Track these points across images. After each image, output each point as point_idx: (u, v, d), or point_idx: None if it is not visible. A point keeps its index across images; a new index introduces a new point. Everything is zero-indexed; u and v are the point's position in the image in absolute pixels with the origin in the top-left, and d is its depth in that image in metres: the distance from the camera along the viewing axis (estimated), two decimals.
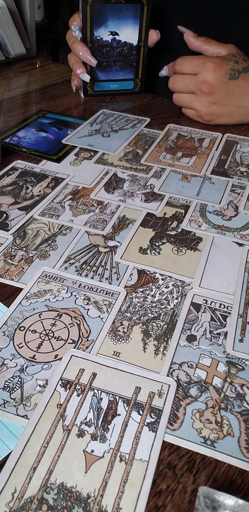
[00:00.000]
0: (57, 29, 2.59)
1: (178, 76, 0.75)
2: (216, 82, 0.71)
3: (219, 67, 0.71)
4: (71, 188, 0.59)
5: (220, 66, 0.71)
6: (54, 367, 0.36)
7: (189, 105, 0.76)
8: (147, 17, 0.79)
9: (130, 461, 0.30)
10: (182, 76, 0.74)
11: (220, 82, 0.71)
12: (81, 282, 0.44)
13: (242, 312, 0.42)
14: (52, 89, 0.90)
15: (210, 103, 0.73)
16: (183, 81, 0.74)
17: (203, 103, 0.73)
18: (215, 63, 0.71)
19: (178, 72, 0.75)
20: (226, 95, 0.72)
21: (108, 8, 0.77)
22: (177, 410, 0.34)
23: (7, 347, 0.38)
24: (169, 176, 0.62)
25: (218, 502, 0.25)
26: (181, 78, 0.74)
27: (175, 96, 0.78)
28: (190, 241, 0.51)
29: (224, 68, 0.71)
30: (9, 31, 0.97)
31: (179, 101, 0.78)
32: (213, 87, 0.71)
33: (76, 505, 0.28)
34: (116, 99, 0.86)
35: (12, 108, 0.81)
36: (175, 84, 0.76)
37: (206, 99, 0.73)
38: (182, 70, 0.74)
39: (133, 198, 0.58)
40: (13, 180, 0.60)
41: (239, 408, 0.34)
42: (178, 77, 0.75)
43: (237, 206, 0.57)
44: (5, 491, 0.28)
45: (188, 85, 0.74)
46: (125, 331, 0.40)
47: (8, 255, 0.48)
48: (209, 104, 0.73)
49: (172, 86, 0.77)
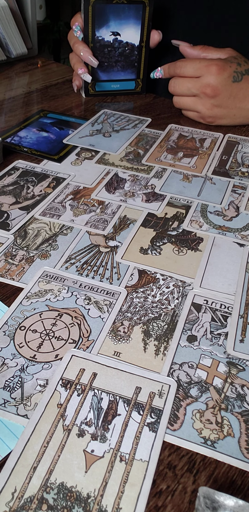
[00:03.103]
0: (59, 29, 2.59)
1: (179, 79, 0.74)
2: (220, 85, 0.70)
3: (222, 69, 0.70)
4: (72, 188, 0.59)
5: (223, 68, 0.70)
6: (54, 367, 0.36)
7: (191, 108, 0.76)
8: (148, 18, 0.79)
9: (130, 461, 0.30)
10: (184, 79, 0.74)
11: (224, 85, 0.70)
12: (82, 282, 0.44)
13: (243, 312, 0.42)
14: (53, 89, 0.90)
15: (213, 106, 0.73)
16: (185, 84, 0.73)
17: (206, 106, 0.73)
18: (218, 66, 0.70)
19: (178, 75, 0.74)
20: (229, 97, 0.72)
21: (110, 8, 0.77)
22: (177, 410, 0.34)
23: (8, 347, 0.38)
24: (170, 176, 0.62)
25: (218, 502, 0.25)
26: (182, 81, 0.74)
27: (176, 99, 0.78)
28: (190, 241, 0.51)
29: (227, 71, 0.71)
30: (10, 31, 0.97)
31: (181, 103, 0.77)
32: (217, 90, 0.71)
33: (76, 505, 0.28)
34: (118, 99, 0.86)
35: (13, 107, 0.82)
36: (177, 88, 0.75)
37: (210, 101, 0.72)
38: (183, 73, 0.73)
39: (134, 198, 0.58)
40: (14, 179, 0.60)
41: (239, 409, 0.34)
42: (179, 80, 0.74)
43: (238, 207, 0.57)
44: (5, 491, 0.28)
45: (190, 88, 0.73)
46: (126, 331, 0.40)
47: (9, 255, 0.48)
48: (212, 106, 0.73)
49: (174, 90, 0.76)
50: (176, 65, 0.74)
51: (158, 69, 0.78)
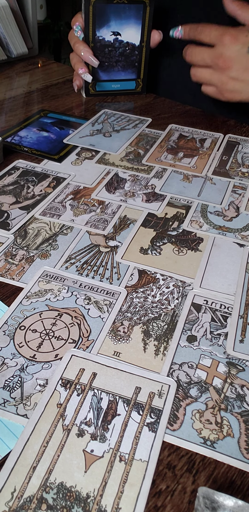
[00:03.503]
0: (59, 29, 2.59)
1: (195, 48, 0.70)
2: (233, 56, 0.65)
3: (235, 39, 0.65)
4: (73, 187, 0.59)
5: (236, 38, 0.65)
6: (54, 366, 0.36)
7: (208, 81, 0.71)
8: (149, 18, 0.79)
9: (130, 461, 0.30)
10: (200, 48, 0.69)
11: (237, 55, 0.65)
12: (82, 281, 0.44)
13: (243, 313, 0.42)
14: (54, 89, 0.90)
15: (229, 79, 0.68)
16: (201, 54, 0.69)
17: (222, 79, 0.68)
18: (232, 36, 0.65)
19: (197, 38, 0.70)
20: (245, 70, 0.66)
21: (111, 8, 0.77)
22: (177, 411, 0.34)
23: (8, 347, 0.38)
24: (170, 177, 0.62)
25: (217, 502, 0.25)
26: (198, 50, 0.70)
27: (193, 71, 0.73)
28: (191, 242, 0.51)
29: (241, 41, 0.65)
30: (11, 31, 0.97)
31: (197, 75, 0.72)
32: (229, 61, 0.66)
33: (76, 505, 0.28)
34: (118, 99, 0.86)
35: (13, 107, 0.82)
36: (193, 56, 0.70)
37: (225, 74, 0.67)
38: (201, 38, 0.69)
39: (134, 198, 0.58)
40: (14, 179, 0.60)
41: (239, 409, 0.34)
42: (195, 49, 0.70)
43: (238, 207, 0.57)
44: (4, 490, 0.28)
45: (205, 59, 0.69)
46: (125, 331, 0.40)
47: (9, 255, 0.48)
48: (228, 79, 0.68)
49: (190, 58, 0.71)
50: (197, 28, 0.70)
51: (178, 28, 0.73)
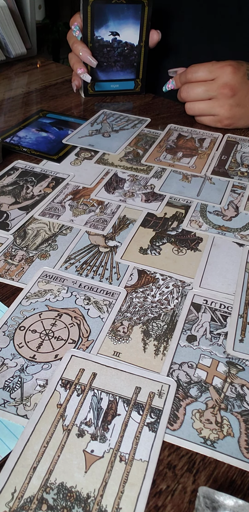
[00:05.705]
0: (58, 29, 2.59)
1: (191, 84, 0.73)
2: (238, 83, 0.70)
3: (237, 69, 0.70)
4: (72, 188, 0.59)
5: (238, 68, 0.70)
6: (54, 367, 0.36)
7: (206, 112, 0.74)
8: (147, 17, 0.79)
9: (130, 461, 0.30)
10: (197, 83, 0.72)
11: (241, 83, 0.70)
12: (81, 282, 0.44)
13: (242, 312, 0.42)
14: (52, 89, 0.90)
15: (231, 106, 0.72)
16: (200, 88, 0.72)
17: (224, 107, 0.72)
18: (233, 66, 0.70)
19: (191, 80, 0.73)
20: (247, 95, 0.71)
21: (109, 8, 0.77)
22: (177, 410, 0.34)
23: (7, 347, 0.38)
24: (170, 176, 0.62)
25: (218, 502, 0.25)
26: (196, 86, 0.72)
27: (189, 105, 0.75)
28: (190, 241, 0.51)
29: (241, 69, 0.70)
30: (10, 31, 0.97)
31: (195, 109, 0.75)
32: (235, 89, 0.70)
33: (76, 505, 0.28)
34: (117, 99, 0.86)
35: (12, 108, 0.81)
36: (191, 93, 0.73)
37: (228, 102, 0.71)
38: (196, 78, 0.72)
39: (133, 198, 0.58)
40: (13, 180, 0.60)
41: (239, 409, 0.34)
42: (192, 85, 0.73)
43: (238, 207, 0.57)
44: (5, 491, 0.28)
45: (207, 91, 0.71)
46: (125, 331, 0.40)
47: (9, 255, 0.48)
48: (230, 107, 0.72)
49: (187, 95, 0.74)
50: (187, 72, 0.73)
51: (169, 81, 0.78)
